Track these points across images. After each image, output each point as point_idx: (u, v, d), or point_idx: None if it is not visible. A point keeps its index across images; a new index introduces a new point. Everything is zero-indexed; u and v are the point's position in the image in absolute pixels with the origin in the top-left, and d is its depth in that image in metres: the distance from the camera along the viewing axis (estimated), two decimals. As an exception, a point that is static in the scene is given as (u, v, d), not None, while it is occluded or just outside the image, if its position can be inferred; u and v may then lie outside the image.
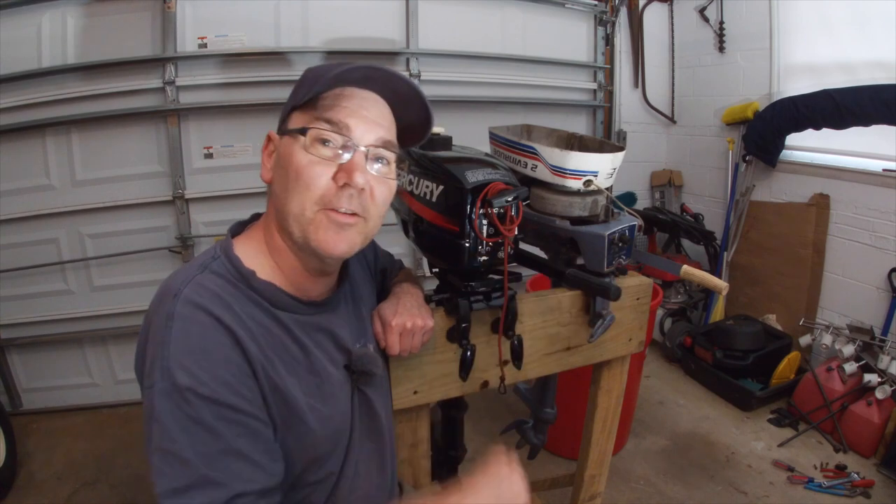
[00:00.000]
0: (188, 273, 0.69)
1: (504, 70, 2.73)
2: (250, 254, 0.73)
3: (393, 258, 1.12)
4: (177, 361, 0.60)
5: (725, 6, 2.97)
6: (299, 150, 0.69)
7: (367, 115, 0.71)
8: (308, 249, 0.70)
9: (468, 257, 0.89)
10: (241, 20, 2.25)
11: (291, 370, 0.72)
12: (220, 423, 0.60)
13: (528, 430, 1.50)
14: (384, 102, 0.75)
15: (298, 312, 0.75)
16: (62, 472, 2.05)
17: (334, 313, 0.81)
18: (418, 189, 0.95)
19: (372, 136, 0.71)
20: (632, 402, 2.22)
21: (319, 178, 0.68)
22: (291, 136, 0.70)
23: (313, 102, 0.71)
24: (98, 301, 2.37)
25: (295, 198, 0.68)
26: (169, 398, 0.60)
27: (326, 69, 0.70)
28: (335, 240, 0.69)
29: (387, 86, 0.74)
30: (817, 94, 2.46)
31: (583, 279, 1.03)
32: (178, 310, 0.63)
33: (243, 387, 0.64)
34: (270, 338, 0.70)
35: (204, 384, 0.60)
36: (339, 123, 0.69)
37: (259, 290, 0.71)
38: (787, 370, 2.50)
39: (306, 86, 0.72)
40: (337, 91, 0.72)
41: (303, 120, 0.71)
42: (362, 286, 0.93)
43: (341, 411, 0.79)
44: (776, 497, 1.94)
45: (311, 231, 0.69)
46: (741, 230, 2.96)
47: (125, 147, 2.25)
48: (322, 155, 0.68)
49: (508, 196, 0.85)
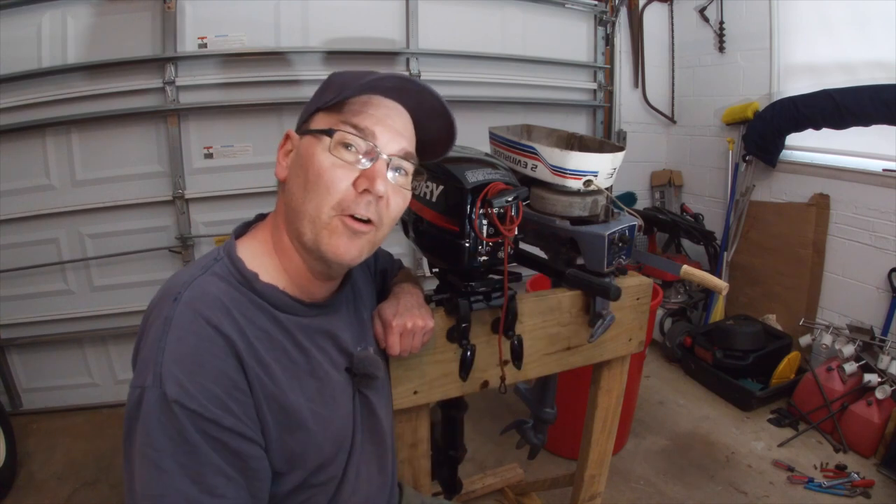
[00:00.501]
0: (190, 274, 0.68)
1: (504, 70, 2.73)
2: (254, 255, 0.73)
3: (392, 258, 1.12)
4: (169, 370, 0.60)
5: (725, 6, 2.97)
6: (322, 152, 0.69)
7: (392, 124, 0.72)
8: (317, 253, 0.70)
9: (468, 257, 0.89)
10: (241, 20, 2.25)
11: (292, 375, 0.72)
12: (204, 437, 0.60)
13: (528, 430, 1.50)
14: (408, 115, 0.76)
15: (301, 315, 0.74)
16: (62, 472, 2.05)
17: (336, 315, 0.81)
18: (418, 189, 0.95)
19: (395, 145, 0.72)
20: (632, 402, 2.22)
21: (341, 181, 0.68)
22: (315, 137, 0.70)
23: (339, 106, 0.71)
24: (98, 301, 2.37)
25: (313, 199, 0.68)
26: (157, 406, 0.60)
27: (357, 76, 0.71)
28: (347, 246, 0.70)
29: (415, 99, 0.75)
30: (817, 94, 2.46)
31: (583, 279, 1.03)
32: (176, 314, 0.63)
33: (233, 402, 0.63)
34: (271, 342, 0.70)
35: (192, 398, 0.60)
36: (366, 130, 0.69)
37: (261, 293, 0.70)
38: (787, 370, 2.50)
39: (334, 90, 0.72)
40: (364, 98, 0.72)
41: (328, 122, 0.71)
42: (363, 288, 0.93)
43: (343, 415, 0.79)
44: (776, 497, 1.94)
45: (325, 235, 0.69)
46: (741, 230, 2.96)
47: (125, 147, 2.25)
48: (345, 159, 0.68)
49: (508, 196, 0.85)
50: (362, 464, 0.83)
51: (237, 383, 0.64)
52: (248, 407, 0.65)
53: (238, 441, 0.63)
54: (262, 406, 0.67)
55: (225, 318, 0.65)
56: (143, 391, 0.60)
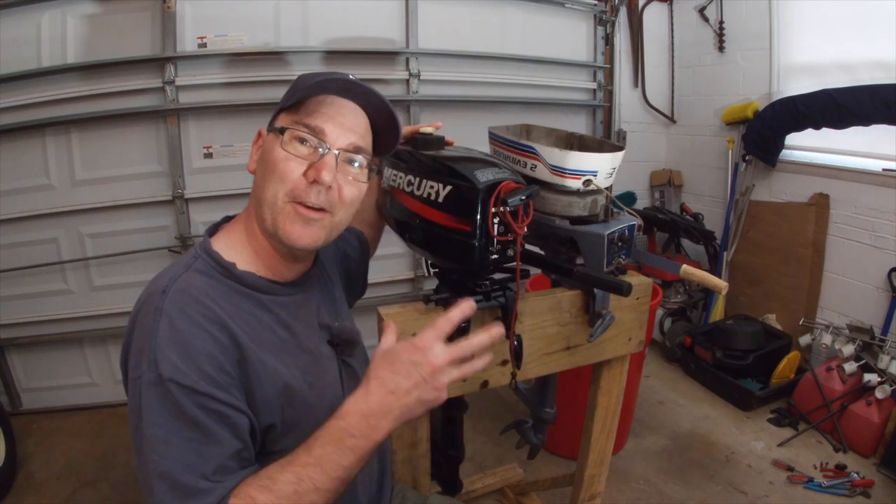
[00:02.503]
0: (174, 272, 0.73)
1: (504, 70, 2.73)
2: (229, 247, 0.80)
3: (354, 235, 1.14)
4: (163, 353, 0.65)
5: (725, 6, 2.97)
6: (278, 147, 0.76)
7: (342, 121, 0.78)
8: (277, 238, 0.77)
9: (479, 256, 0.89)
10: (241, 20, 2.25)
11: (283, 351, 0.78)
12: (201, 410, 0.65)
13: (528, 430, 1.50)
14: (362, 112, 0.82)
15: (280, 294, 0.81)
16: (62, 472, 2.05)
17: (311, 293, 0.88)
18: (420, 190, 0.94)
19: (344, 140, 0.78)
20: (632, 402, 2.22)
21: (292, 172, 0.75)
22: (274, 134, 0.78)
23: (297, 107, 0.78)
24: (98, 301, 2.37)
25: (270, 187, 0.76)
26: (155, 388, 0.64)
27: (313, 77, 0.79)
28: (300, 233, 0.76)
29: (363, 98, 0.82)
30: (817, 94, 2.46)
31: (594, 277, 1.03)
32: (166, 305, 0.68)
33: (225, 376, 0.68)
34: (258, 324, 0.76)
35: (185, 375, 0.64)
36: (315, 128, 0.76)
37: (241, 279, 0.77)
38: (786, 370, 2.51)
39: (294, 90, 0.80)
40: (320, 98, 0.79)
41: (286, 121, 0.78)
42: (330, 268, 1.00)
43: (333, 383, 0.85)
44: (776, 497, 1.94)
45: (280, 221, 0.75)
46: (741, 230, 2.96)
47: (125, 147, 2.25)
48: (298, 153, 0.76)
49: (522, 195, 0.86)
50: None
51: (228, 360, 0.69)
52: (238, 384, 0.70)
53: (233, 413, 0.68)
54: (253, 380, 0.72)
55: (213, 304, 0.71)
56: (141, 377, 0.65)
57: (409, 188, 0.97)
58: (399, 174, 0.99)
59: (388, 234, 1.22)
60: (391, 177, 1.02)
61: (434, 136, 1.05)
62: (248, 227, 0.81)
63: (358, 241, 1.14)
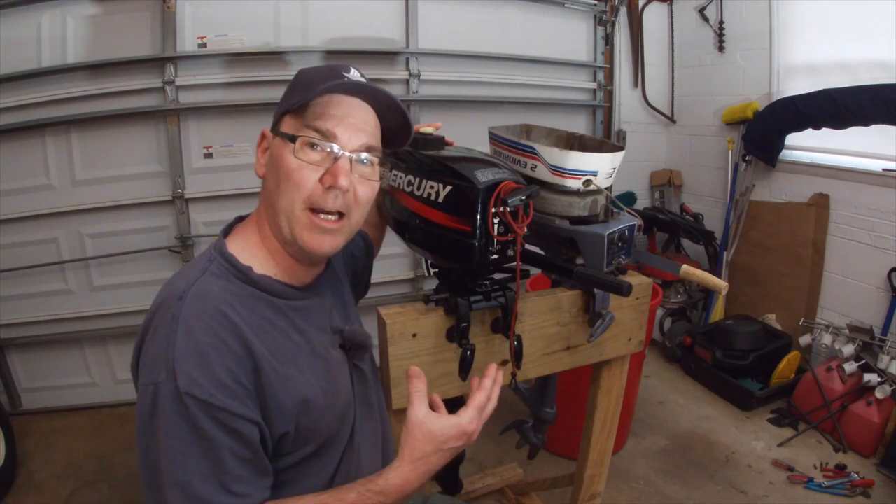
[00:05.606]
0: (190, 276, 0.73)
1: (504, 70, 2.73)
2: (244, 250, 0.78)
3: (359, 237, 1.13)
4: (181, 365, 0.65)
5: (725, 6, 2.97)
6: (289, 154, 0.74)
7: (352, 122, 0.77)
8: (295, 246, 0.76)
9: (479, 256, 0.89)
10: (241, 20, 2.25)
11: (298, 357, 0.77)
12: (216, 424, 0.65)
13: (528, 430, 1.50)
14: (369, 108, 0.80)
15: (296, 299, 0.81)
16: (62, 472, 2.05)
17: (324, 297, 0.87)
18: (420, 190, 0.94)
19: (356, 141, 0.76)
20: (632, 402, 2.22)
21: (307, 180, 0.74)
22: (283, 140, 0.76)
23: (303, 109, 0.76)
24: (98, 301, 2.37)
25: (285, 196, 0.74)
26: (173, 399, 0.64)
27: (317, 78, 0.77)
28: (320, 241, 0.76)
29: (373, 96, 0.80)
30: (817, 94, 2.46)
31: (594, 276, 1.03)
32: (183, 312, 0.67)
33: (240, 388, 0.68)
34: (274, 330, 0.75)
35: (202, 388, 0.65)
36: (327, 133, 0.75)
37: (258, 284, 0.76)
38: (786, 370, 2.50)
39: (298, 91, 0.78)
40: (326, 98, 0.77)
41: (294, 126, 0.76)
42: (340, 271, 0.99)
43: (344, 389, 0.85)
44: (776, 497, 1.94)
45: (298, 230, 0.75)
46: (741, 230, 2.96)
47: (125, 147, 2.25)
48: (311, 159, 0.74)
49: (522, 195, 0.86)
50: (363, 439, 0.88)
51: (245, 372, 0.69)
52: (253, 393, 0.70)
53: (248, 426, 0.68)
54: (267, 388, 0.71)
55: (230, 311, 0.70)
56: (158, 387, 0.65)
57: (409, 188, 0.97)
58: (399, 174, 0.99)
59: (388, 234, 1.22)
60: (391, 177, 1.02)
61: (434, 136, 1.05)
62: (260, 228, 0.80)
63: (364, 241, 1.13)
